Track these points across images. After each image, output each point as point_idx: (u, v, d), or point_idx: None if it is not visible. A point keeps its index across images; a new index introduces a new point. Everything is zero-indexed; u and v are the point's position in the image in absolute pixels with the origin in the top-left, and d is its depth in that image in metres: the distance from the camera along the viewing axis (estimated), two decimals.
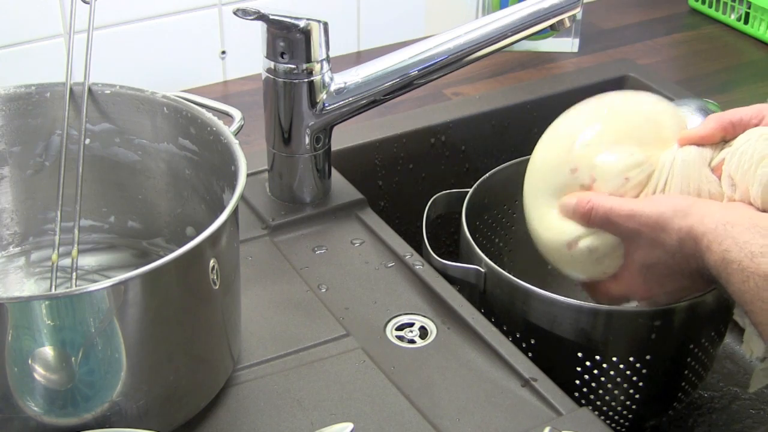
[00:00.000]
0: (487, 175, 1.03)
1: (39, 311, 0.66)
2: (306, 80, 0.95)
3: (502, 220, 1.07)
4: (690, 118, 0.97)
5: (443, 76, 0.99)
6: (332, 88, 0.96)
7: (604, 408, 0.93)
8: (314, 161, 0.99)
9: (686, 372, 0.94)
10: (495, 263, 0.92)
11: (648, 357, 0.90)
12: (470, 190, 1.00)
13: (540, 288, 0.90)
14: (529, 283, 0.90)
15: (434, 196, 1.03)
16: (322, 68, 0.95)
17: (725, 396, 1.08)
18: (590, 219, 0.83)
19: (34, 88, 0.87)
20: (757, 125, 0.82)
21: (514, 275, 0.91)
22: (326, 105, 0.96)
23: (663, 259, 0.80)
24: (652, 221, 0.78)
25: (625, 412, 0.94)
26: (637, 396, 0.92)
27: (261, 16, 0.91)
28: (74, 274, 0.85)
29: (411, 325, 0.88)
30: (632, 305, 0.90)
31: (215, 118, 0.83)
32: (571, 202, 0.84)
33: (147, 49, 1.19)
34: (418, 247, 0.97)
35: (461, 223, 0.96)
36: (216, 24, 1.22)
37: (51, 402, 0.70)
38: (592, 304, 0.91)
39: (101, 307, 0.68)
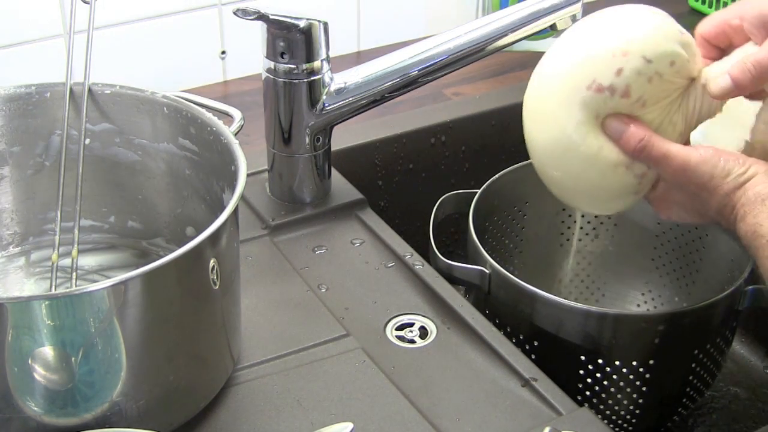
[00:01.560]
0: (496, 176, 1.02)
1: (39, 311, 0.66)
2: (306, 80, 0.95)
3: (513, 221, 1.07)
4: None
5: (443, 75, 0.99)
6: (332, 88, 0.96)
7: (608, 412, 0.93)
8: (314, 161, 0.99)
9: (691, 378, 0.94)
10: (503, 265, 0.92)
11: (652, 362, 0.90)
12: (479, 191, 1.00)
13: (546, 291, 0.89)
14: (536, 286, 0.90)
15: (442, 197, 1.03)
16: (322, 68, 0.95)
17: (725, 396, 1.08)
18: (638, 155, 0.78)
19: (34, 88, 0.87)
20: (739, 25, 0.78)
21: (522, 278, 0.90)
22: (326, 105, 0.96)
23: (696, 206, 0.79)
24: (702, 181, 0.76)
25: (629, 417, 0.93)
26: (641, 401, 0.92)
27: (261, 16, 0.91)
28: (74, 274, 0.85)
29: (411, 325, 0.88)
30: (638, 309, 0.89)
31: (215, 118, 0.83)
32: (619, 128, 0.78)
33: (147, 49, 1.19)
34: (418, 247, 0.97)
35: (468, 224, 0.96)
36: (216, 24, 1.22)
37: (51, 402, 0.70)
38: (599, 309, 0.91)
39: (101, 307, 0.68)
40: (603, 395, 0.92)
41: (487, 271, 0.92)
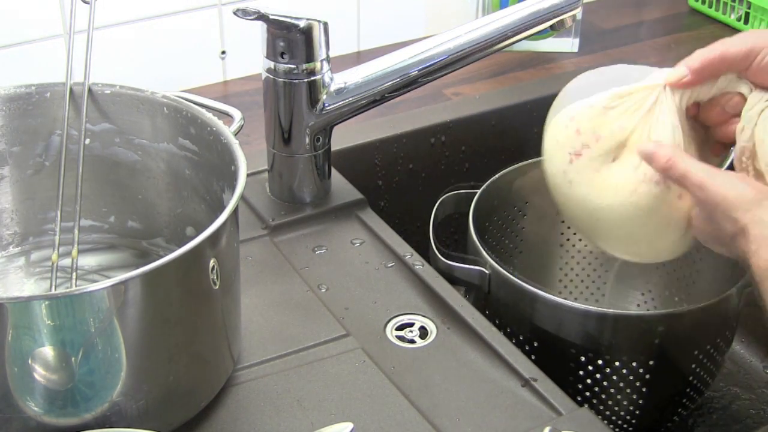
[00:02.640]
0: (496, 176, 1.02)
1: (39, 311, 0.66)
2: (306, 80, 0.95)
3: (513, 221, 1.07)
4: None
5: (443, 76, 0.99)
6: (332, 88, 0.96)
7: (608, 412, 0.93)
8: (314, 161, 0.99)
9: (691, 378, 0.94)
10: (503, 265, 0.92)
11: (652, 362, 0.90)
12: (479, 191, 1.00)
13: (546, 291, 0.89)
14: (536, 285, 0.90)
15: (443, 197, 1.03)
16: (322, 68, 0.95)
17: (725, 396, 1.08)
18: (667, 173, 0.80)
19: (34, 88, 0.87)
20: (746, 68, 0.80)
21: (522, 277, 0.90)
22: (326, 105, 0.96)
23: (716, 234, 0.79)
24: (716, 202, 0.76)
25: (629, 417, 0.93)
26: (641, 401, 0.92)
27: (261, 16, 0.91)
28: (74, 274, 0.85)
29: (411, 325, 0.88)
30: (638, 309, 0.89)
31: (215, 118, 0.83)
32: (649, 149, 0.80)
33: (147, 49, 1.19)
34: (418, 247, 0.97)
35: (468, 224, 0.96)
36: (216, 24, 1.22)
37: (51, 402, 0.70)
38: (599, 309, 0.91)
39: (101, 307, 0.68)
40: (603, 395, 0.92)
41: (487, 271, 0.92)
